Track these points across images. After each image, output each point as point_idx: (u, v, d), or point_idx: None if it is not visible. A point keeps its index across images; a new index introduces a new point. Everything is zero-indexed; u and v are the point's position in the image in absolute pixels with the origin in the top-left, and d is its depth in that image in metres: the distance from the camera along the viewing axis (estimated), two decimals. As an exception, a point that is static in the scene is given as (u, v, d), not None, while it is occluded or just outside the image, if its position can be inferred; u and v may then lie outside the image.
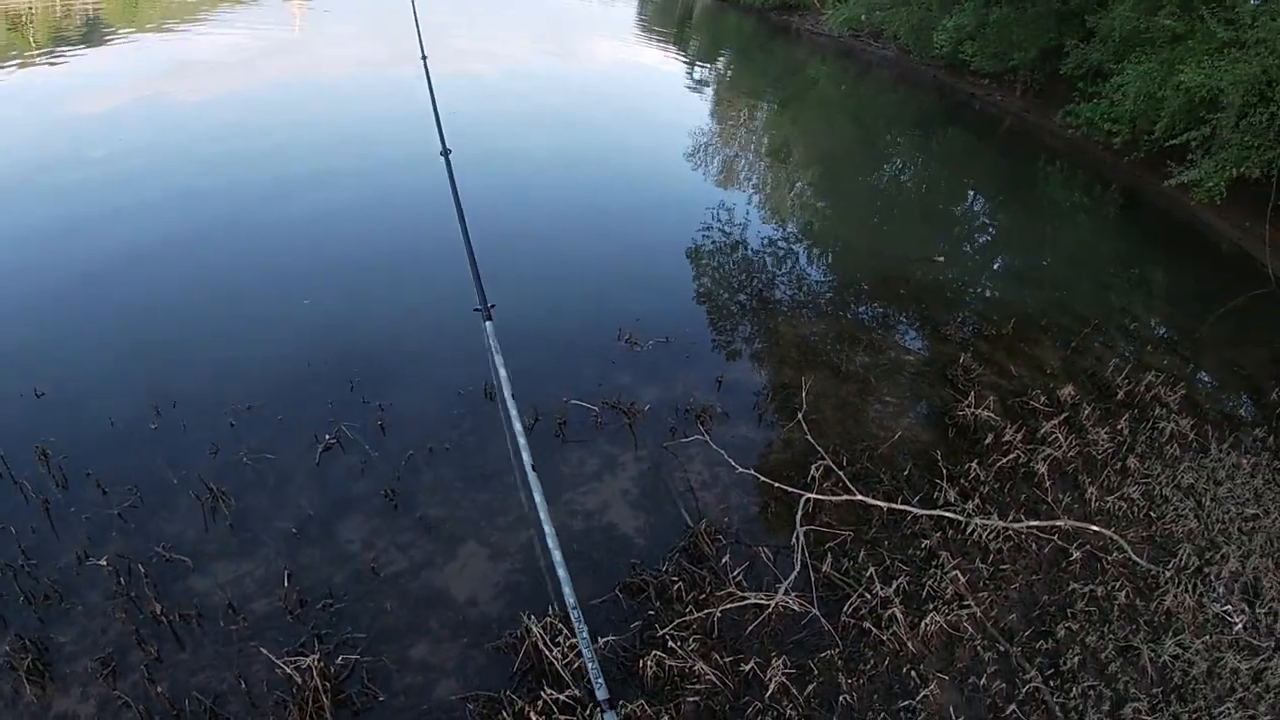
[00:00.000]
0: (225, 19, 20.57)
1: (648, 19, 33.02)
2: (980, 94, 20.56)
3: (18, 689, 3.46)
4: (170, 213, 8.13)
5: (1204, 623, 4.61)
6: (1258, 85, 10.79)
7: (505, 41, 21.30)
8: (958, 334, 7.58)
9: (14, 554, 4.09)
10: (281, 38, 18.59)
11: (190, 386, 5.44)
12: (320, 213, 8.45)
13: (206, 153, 10.02)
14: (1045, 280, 9.85)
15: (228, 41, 17.05)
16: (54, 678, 3.56)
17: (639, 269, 8.21)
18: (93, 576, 4.01)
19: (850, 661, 4.00)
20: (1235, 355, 8.42)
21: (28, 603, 3.85)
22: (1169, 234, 12.93)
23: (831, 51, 26.56)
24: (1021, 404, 6.49)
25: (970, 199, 14.06)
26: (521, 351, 6.14)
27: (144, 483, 4.60)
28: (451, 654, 3.81)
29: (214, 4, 22.83)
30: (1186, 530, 5.34)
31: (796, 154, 14.59)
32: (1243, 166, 11.04)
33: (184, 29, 18.61)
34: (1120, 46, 14.65)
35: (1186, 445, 6.30)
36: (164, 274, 6.96)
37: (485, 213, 7.43)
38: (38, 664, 3.56)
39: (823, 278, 8.80)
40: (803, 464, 5.28)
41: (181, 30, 18.47)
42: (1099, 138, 15.52)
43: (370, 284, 7.09)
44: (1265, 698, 4.18)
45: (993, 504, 5.25)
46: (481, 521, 4.56)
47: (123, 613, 3.84)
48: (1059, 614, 4.50)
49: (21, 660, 3.52)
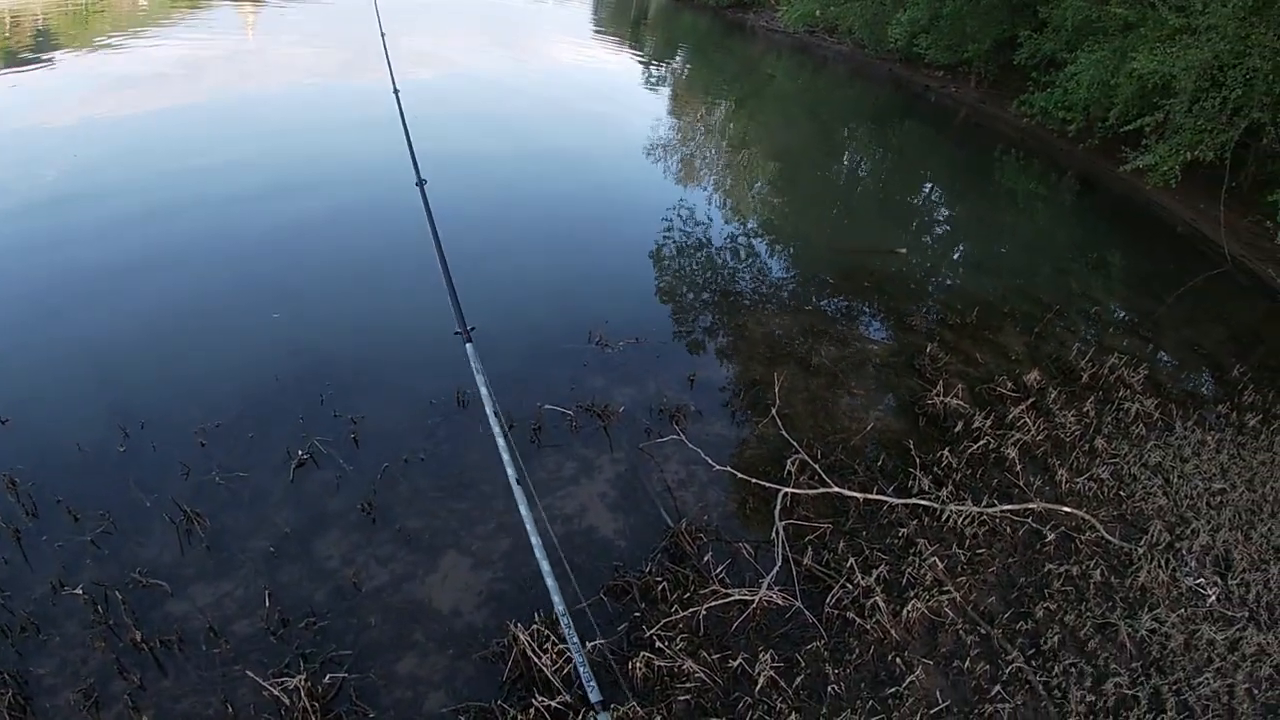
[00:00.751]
0: (177, 30, 20.21)
1: (603, 20, 33.00)
2: (935, 86, 20.80)
3: (-2, 725, 3.38)
4: (127, 231, 7.98)
5: (1178, 596, 4.72)
6: (1209, 70, 11.01)
7: (461, 47, 21.13)
8: (923, 324, 7.68)
9: (-14, 586, 4.00)
10: (236, 48, 18.30)
11: (157, 407, 5.37)
12: (284, 230, 8.32)
13: (165, 169, 9.84)
14: (1006, 268, 10.00)
15: (181, 53, 16.74)
16: (35, 712, 3.48)
17: (607, 272, 8.24)
18: (69, 606, 3.94)
19: (836, 652, 4.04)
20: (1194, 334, 8.61)
21: (4, 636, 3.78)
22: (1125, 218, 13.18)
23: (787, 47, 26.73)
24: (989, 390, 6.59)
25: (929, 190, 14.23)
26: (494, 360, 6.13)
27: (116, 507, 4.53)
28: (439, 666, 3.79)
29: (165, 14, 22.44)
30: (1156, 507, 5.46)
31: (755, 150, 14.66)
32: (1196, 150, 11.27)
33: (136, 41, 18.23)
34: (1073, 35, 14.88)
35: (1152, 424, 6.44)
36: (124, 293, 6.81)
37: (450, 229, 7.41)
38: (18, 699, 3.49)
39: (787, 273, 8.87)
40: (778, 459, 5.33)
41: (134, 42, 18.09)
42: (1054, 126, 15.78)
43: (335, 297, 7.03)
44: (1242, 666, 4.29)
45: (966, 490, 5.33)
46: (461, 531, 4.54)
47: (102, 642, 3.77)
48: (1037, 595, 4.59)
49: (1, 696, 3.44)
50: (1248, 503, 5.69)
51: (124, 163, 10.11)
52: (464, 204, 9.09)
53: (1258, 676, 4.27)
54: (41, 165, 9.80)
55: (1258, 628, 4.58)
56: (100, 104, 12.62)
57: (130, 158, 10.32)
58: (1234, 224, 11.78)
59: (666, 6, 37.25)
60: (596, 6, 37.22)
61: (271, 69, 16.38)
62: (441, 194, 7.76)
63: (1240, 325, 9.32)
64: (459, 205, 8.79)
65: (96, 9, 22.36)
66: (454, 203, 8.56)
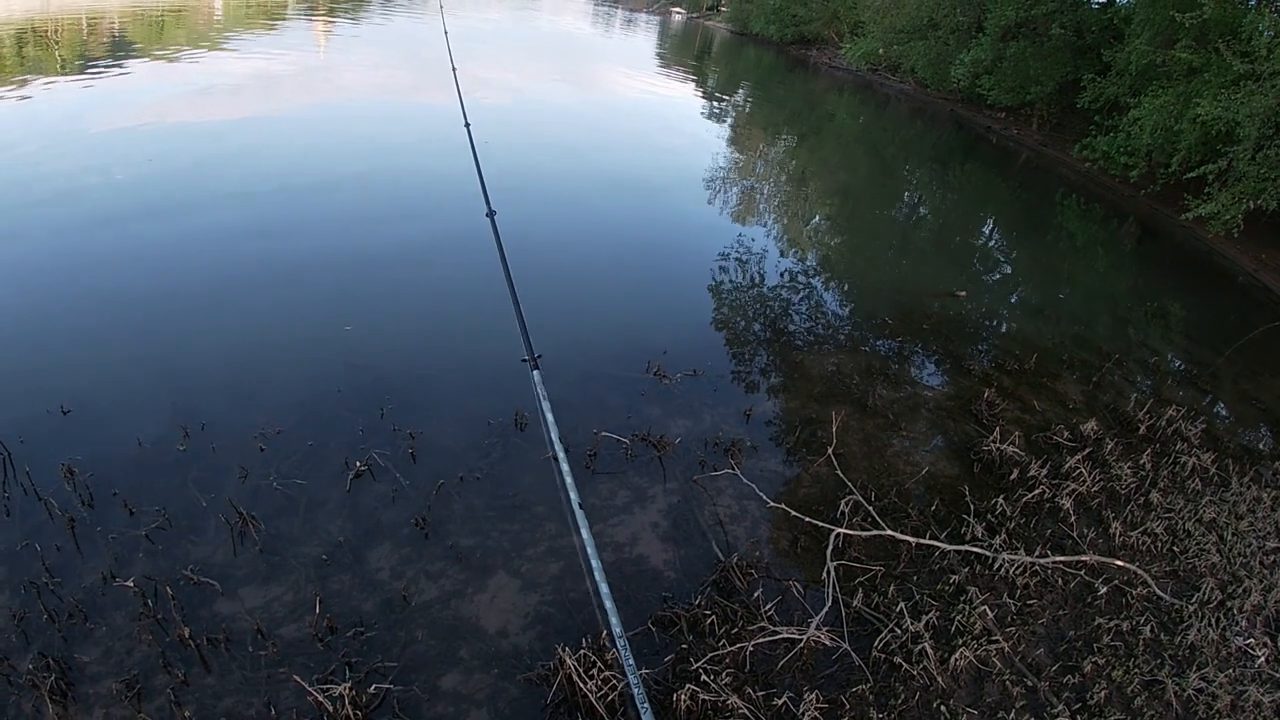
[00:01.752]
0: (253, 42, 20.78)
1: (667, 51, 33.38)
2: (997, 127, 20.70)
3: (39, 708, 3.45)
4: (201, 236, 8.22)
5: (1227, 656, 4.61)
6: (1274, 117, 10.86)
7: (527, 75, 21.46)
8: (980, 368, 7.60)
9: (38, 571, 4.10)
10: (309, 62, 18.77)
11: (219, 409, 5.48)
12: (355, 250, 8.45)
13: (241, 183, 10.08)
14: (1064, 314, 9.87)
15: (257, 66, 17.26)
16: (76, 698, 3.54)
17: (667, 303, 8.27)
18: (119, 597, 4.01)
19: (881, 696, 3.99)
20: (1253, 388, 8.42)
21: (51, 621, 3.85)
22: (1186, 267, 12.95)
23: (849, 85, 26.80)
24: (1045, 439, 6.50)
25: (988, 232, 14.11)
26: (554, 385, 6.18)
27: (172, 504, 4.62)
28: (483, 685, 3.80)
29: (240, 27, 23.09)
30: (1209, 564, 5.34)
31: (815, 187, 14.69)
32: (1259, 198, 11.10)
33: (212, 52, 18.80)
34: (1136, 80, 14.77)
35: (1208, 479, 6.30)
36: (195, 296, 7.01)
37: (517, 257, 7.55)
38: (60, 683, 3.55)
39: (844, 311, 8.86)
40: (831, 498, 5.30)
41: (210, 53, 18.66)
42: (1115, 171, 15.61)
43: (401, 317, 7.13)
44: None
45: (1019, 539, 5.25)
46: (512, 552, 4.57)
47: (149, 634, 3.83)
48: (1085, 648, 4.50)
49: (44, 679, 3.51)
50: (1303, 563, 5.54)
51: (201, 170, 10.40)
52: (530, 232, 9.19)
53: (1307, 742, 4.15)
54: (117, 169, 10.13)
55: (1308, 691, 4.45)
56: (175, 113, 13.02)
57: (209, 166, 10.61)
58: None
59: (730, 41, 37.66)
60: (661, 38, 37.80)
61: (344, 89, 16.71)
62: (509, 223, 7.96)
63: (1301, 381, 9.09)
64: (525, 233, 8.88)
65: (173, 18, 23.07)
66: (520, 230, 8.68)
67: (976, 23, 19.99)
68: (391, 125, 14.28)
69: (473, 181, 5.98)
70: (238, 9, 26.09)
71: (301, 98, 15.06)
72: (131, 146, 11.10)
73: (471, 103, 8.36)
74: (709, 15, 45.45)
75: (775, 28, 33.99)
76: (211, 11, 25.14)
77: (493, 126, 14.11)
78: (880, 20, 23.39)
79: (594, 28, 37.49)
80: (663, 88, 23.30)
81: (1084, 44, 17.55)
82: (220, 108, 13.55)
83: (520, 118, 16.38)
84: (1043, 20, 17.86)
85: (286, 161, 11.13)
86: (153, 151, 10.87)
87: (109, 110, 12.97)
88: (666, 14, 47.64)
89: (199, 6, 25.31)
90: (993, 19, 18.60)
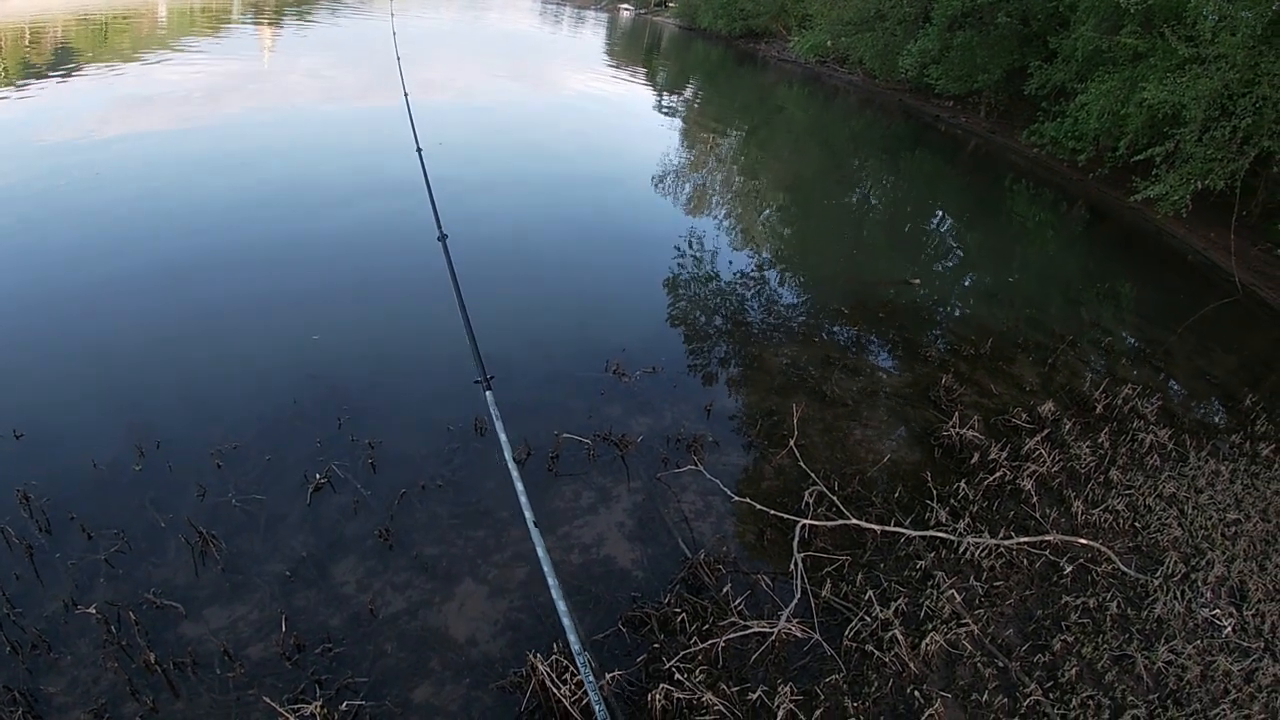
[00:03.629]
0: (198, 49, 20.36)
1: (616, 48, 33.36)
2: (945, 116, 20.97)
3: (8, 744, 3.36)
4: (150, 253, 8.03)
5: (1194, 628, 4.70)
6: (1219, 99, 11.09)
7: (479, 76, 21.31)
8: (937, 355, 7.68)
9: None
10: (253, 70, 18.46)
11: (174, 427, 5.36)
12: (302, 250, 8.39)
13: (184, 188, 9.92)
14: (1018, 298, 10.01)
15: (200, 75, 16.92)
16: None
17: (623, 301, 8.24)
18: (82, 624, 3.91)
19: (855, 685, 4.02)
20: (1206, 364, 8.61)
21: (15, 653, 3.74)
22: (1135, 248, 13.22)
23: (798, 77, 26.98)
24: (1004, 422, 6.58)
25: (940, 220, 14.29)
26: (513, 389, 6.14)
27: (130, 526, 4.51)
28: (456, 695, 3.76)
29: (185, 34, 22.63)
30: (1171, 539, 5.44)
31: (767, 180, 14.75)
32: (1206, 179, 11.32)
33: (157, 59, 18.40)
34: (1083, 66, 15.02)
35: (1166, 455, 6.43)
36: (145, 313, 6.85)
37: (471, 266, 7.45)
38: (28, 717, 3.46)
39: (800, 302, 8.89)
40: (795, 490, 5.32)
41: (153, 60, 18.25)
42: (1064, 156, 15.88)
43: (356, 326, 7.02)
44: (1258, 697, 4.27)
45: (983, 522, 5.31)
46: (478, 559, 4.52)
47: (114, 662, 3.74)
48: (1054, 627, 4.56)
49: (11, 714, 3.42)
50: (1262, 533, 5.67)
51: (146, 179, 10.19)
52: (483, 236, 9.14)
53: (1274, 707, 4.24)
54: (59, 179, 9.87)
55: (1274, 658, 4.56)
56: (122, 121, 12.74)
57: (154, 175, 10.40)
58: (1244, 252, 11.81)
59: (678, 36, 37.74)
60: (610, 34, 37.78)
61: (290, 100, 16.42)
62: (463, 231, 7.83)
63: (1252, 354, 9.33)
64: (478, 237, 8.85)
65: (117, 25, 22.57)
66: (474, 236, 8.64)
67: (923, 13, 20.21)
68: (336, 137, 14.06)
69: (424, 189, 5.90)
70: (182, 15, 25.58)
71: (247, 109, 14.78)
72: (78, 159, 10.82)
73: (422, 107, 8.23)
74: (657, 11, 45.48)
75: (724, 22, 34.07)
76: (156, 18, 24.63)
77: (446, 129, 14.05)
78: (828, 13, 23.55)
79: (543, 26, 37.34)
80: (612, 85, 23.25)
81: (1030, 32, 17.81)
82: (167, 119, 13.28)
83: (471, 120, 16.24)
84: (989, 9, 18.10)
85: (236, 176, 10.88)
86: (99, 165, 10.61)
87: (53, 122, 12.64)
88: (615, 10, 47.59)
89: (144, 13, 24.77)
90: (939, 9, 18.81)
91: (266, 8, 28.44)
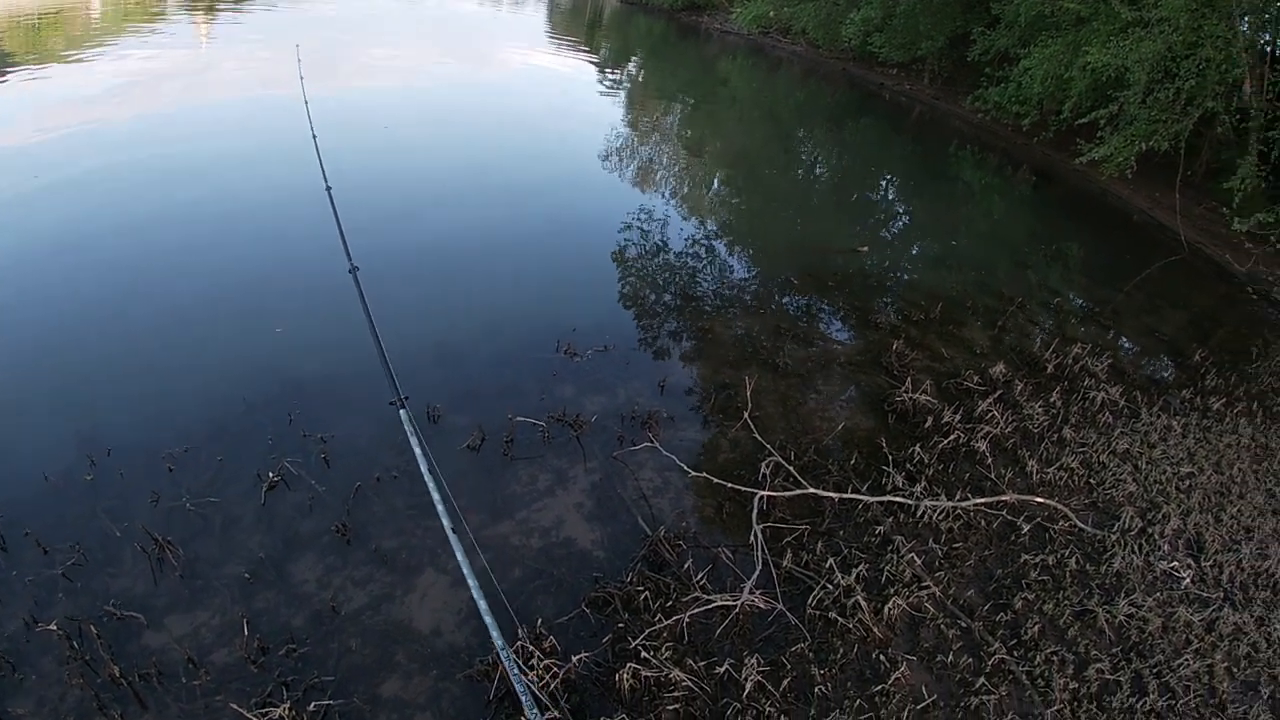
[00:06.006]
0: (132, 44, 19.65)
1: (557, 25, 33.00)
2: (890, 84, 21.09)
3: (-25, 768, 3.29)
4: (85, 257, 7.76)
5: (1153, 581, 4.82)
6: (1162, 62, 11.25)
7: (420, 59, 20.90)
8: (887, 321, 7.76)
9: (-44, 625, 3.88)
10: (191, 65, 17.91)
11: (123, 432, 5.23)
12: (244, 245, 8.17)
13: (117, 192, 9.60)
14: (966, 262, 10.12)
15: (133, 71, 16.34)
16: (12, 754, 3.38)
17: (572, 281, 8.18)
18: (43, 642, 3.81)
19: (820, 652, 4.07)
20: (1154, 321, 8.79)
21: (-23, 677, 3.66)
22: (1081, 209, 13.42)
23: (742, 49, 26.94)
24: (956, 385, 6.67)
25: (887, 187, 14.39)
26: (465, 374, 6.11)
27: (86, 538, 4.40)
28: (424, 687, 3.74)
29: (119, 29, 21.92)
30: (1127, 494, 5.57)
31: (713, 153, 14.73)
32: (1150, 140, 11.52)
33: (94, 57, 17.71)
34: (1025, 31, 15.15)
35: (1118, 412, 6.56)
36: (81, 317, 6.63)
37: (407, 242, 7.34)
38: (-6, 741, 3.39)
39: (750, 274, 8.91)
40: (752, 462, 5.36)
41: (91, 59, 17.56)
42: (1008, 120, 16.07)
43: (304, 313, 6.88)
44: (1220, 646, 4.40)
45: (939, 485, 5.39)
46: (438, 549, 4.48)
47: (79, 678, 3.66)
48: (1015, 586, 4.66)
49: (-23, 737, 3.35)
50: (1216, 485, 5.82)
51: (77, 181, 9.84)
52: (424, 218, 9.02)
53: (1236, 655, 4.37)
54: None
55: (1233, 607, 4.69)
56: (59, 119, 12.30)
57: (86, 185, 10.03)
58: (1189, 211, 12.07)
59: (620, 11, 37.42)
60: (551, 11, 37.33)
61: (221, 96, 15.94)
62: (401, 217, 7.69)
63: (1199, 310, 9.54)
64: (417, 222, 8.73)
65: (49, 22, 21.84)
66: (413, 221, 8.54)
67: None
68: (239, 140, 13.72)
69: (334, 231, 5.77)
70: (116, 10, 24.77)
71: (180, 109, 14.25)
72: (9, 162, 10.46)
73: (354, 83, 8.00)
74: (598, -14, 44.92)
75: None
76: (89, 14, 23.84)
77: (388, 114, 13.88)
78: (769, -17, 23.55)
79: (482, 5, 36.75)
80: (555, 63, 22.96)
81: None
82: (101, 120, 12.86)
83: (413, 103, 15.80)
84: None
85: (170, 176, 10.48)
86: (32, 167, 10.25)
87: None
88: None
89: (76, 9, 23.96)
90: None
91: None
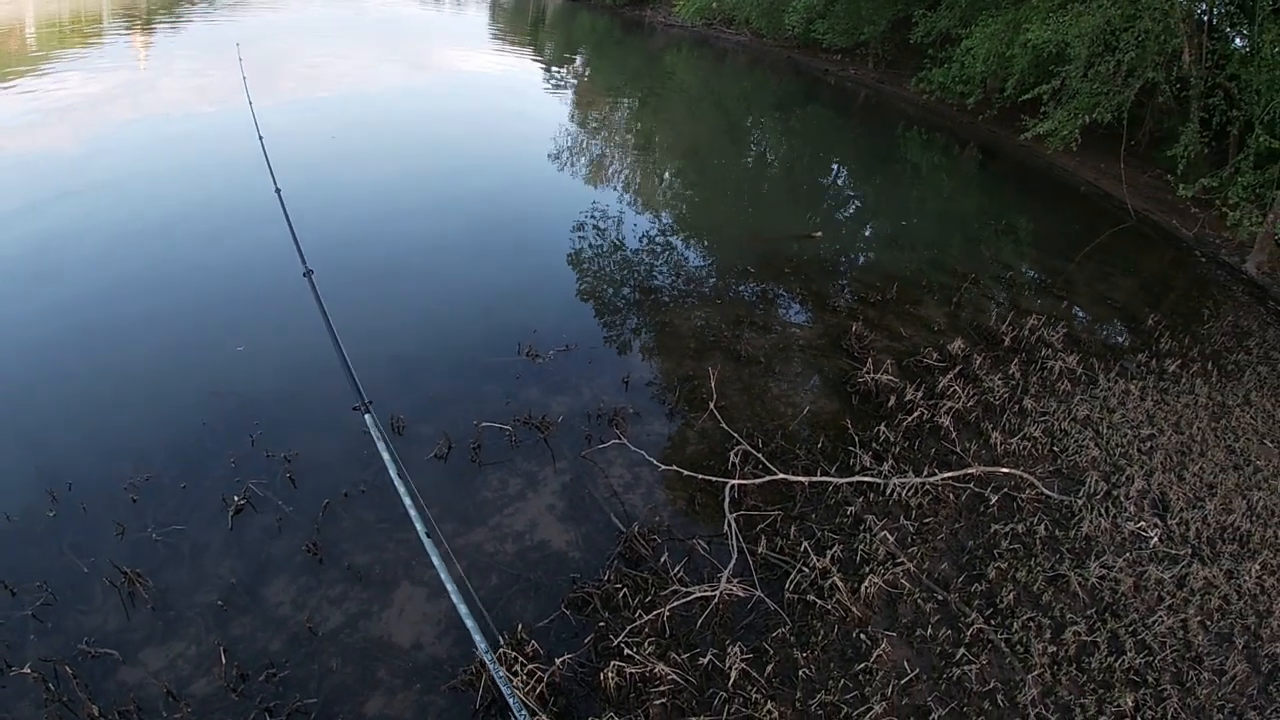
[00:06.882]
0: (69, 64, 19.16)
1: (500, 24, 32.85)
2: (834, 69, 21.30)
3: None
4: (24, 280, 7.55)
5: (1122, 542, 4.94)
6: (1102, 35, 11.48)
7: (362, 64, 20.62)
8: (845, 304, 7.85)
9: (-73, 674, 3.77)
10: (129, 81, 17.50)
11: (83, 465, 5.11)
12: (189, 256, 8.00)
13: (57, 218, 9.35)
14: (919, 242, 10.26)
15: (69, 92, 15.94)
16: (-6, 805, 3.30)
17: (528, 283, 8.09)
18: (19, 686, 3.71)
19: (802, 635, 4.10)
20: (1107, 289, 8.97)
21: (-48, 731, 3.57)
22: (1029, 184, 13.66)
23: (686, 41, 27.04)
24: (916, 363, 6.77)
25: (837, 172, 14.53)
26: (427, 381, 6.05)
27: (53, 576, 4.29)
28: (409, 702, 3.71)
29: (56, 48, 21.37)
30: (1090, 459, 5.69)
31: (663, 146, 14.74)
32: (1094, 112, 11.76)
33: (29, 77, 17.24)
34: (966, 11, 15.39)
35: (1076, 380, 6.70)
36: (28, 345, 6.46)
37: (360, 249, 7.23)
38: (-23, 796, 3.30)
39: (706, 265, 8.95)
40: (721, 451, 5.39)
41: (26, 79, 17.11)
42: (953, 100, 16.30)
43: (258, 334, 6.76)
44: (1192, 601, 4.52)
45: (906, 462, 5.46)
46: (412, 561, 4.44)
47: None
48: (987, 556, 4.73)
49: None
50: (1176, 445, 5.96)
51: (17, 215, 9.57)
52: (374, 231, 8.88)
53: (1208, 609, 4.48)
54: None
55: (1201, 562, 4.81)
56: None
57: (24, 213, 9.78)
58: (1135, 180, 12.33)
59: (563, 7, 37.33)
60: (493, 12, 37.11)
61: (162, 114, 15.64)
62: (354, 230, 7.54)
63: (1149, 276, 9.76)
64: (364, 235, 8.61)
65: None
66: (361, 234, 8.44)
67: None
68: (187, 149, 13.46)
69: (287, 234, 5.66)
70: (50, 29, 24.16)
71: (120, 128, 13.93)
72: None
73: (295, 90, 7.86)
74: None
75: (608, -10, 33.85)
76: (24, 34, 23.24)
77: (336, 119, 13.70)
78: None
79: (424, 8, 36.41)
80: (499, 63, 22.76)
81: (912, -20, 18.14)
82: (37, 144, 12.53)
83: (360, 107, 15.55)
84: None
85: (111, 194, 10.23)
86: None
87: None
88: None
89: (10, 29, 23.35)
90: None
91: (137, 13, 27.00)
